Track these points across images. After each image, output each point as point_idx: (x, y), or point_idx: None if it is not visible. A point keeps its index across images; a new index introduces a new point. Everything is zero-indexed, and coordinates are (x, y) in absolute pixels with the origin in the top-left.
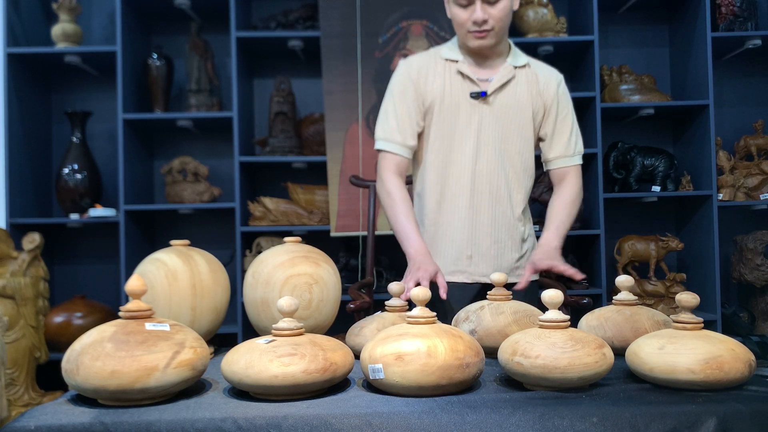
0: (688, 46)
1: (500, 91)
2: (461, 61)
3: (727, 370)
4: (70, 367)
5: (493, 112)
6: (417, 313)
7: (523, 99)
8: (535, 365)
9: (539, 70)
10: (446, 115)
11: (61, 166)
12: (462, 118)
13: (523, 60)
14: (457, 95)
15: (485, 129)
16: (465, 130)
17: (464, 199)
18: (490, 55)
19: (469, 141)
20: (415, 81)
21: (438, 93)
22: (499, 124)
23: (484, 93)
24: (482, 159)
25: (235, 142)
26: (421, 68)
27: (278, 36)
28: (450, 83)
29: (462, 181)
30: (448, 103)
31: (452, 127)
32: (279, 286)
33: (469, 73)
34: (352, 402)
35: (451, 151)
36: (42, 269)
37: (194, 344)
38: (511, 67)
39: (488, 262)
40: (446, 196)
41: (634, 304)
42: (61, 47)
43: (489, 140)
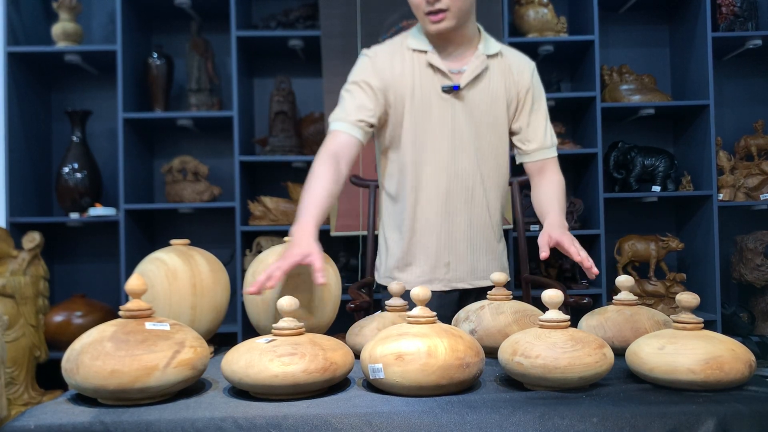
0: (688, 46)
1: (474, 84)
2: (430, 51)
3: (728, 370)
4: (70, 367)
5: (466, 106)
6: (417, 313)
7: (497, 91)
8: (536, 365)
9: (512, 58)
10: (418, 112)
11: (61, 165)
12: (435, 115)
13: (495, 48)
14: (428, 90)
15: (459, 126)
16: (438, 127)
17: (440, 202)
18: (457, 41)
19: (443, 140)
20: (381, 72)
21: (408, 88)
22: (473, 120)
23: (456, 87)
24: (457, 159)
25: (235, 141)
26: (387, 60)
27: (278, 35)
28: (420, 77)
29: (437, 183)
30: (419, 99)
31: (425, 124)
32: (279, 285)
33: (439, 64)
34: (353, 402)
35: (425, 151)
36: (42, 268)
37: (194, 344)
38: (484, 56)
39: (465, 267)
40: (421, 199)
41: (635, 304)
42: (62, 46)
43: (464, 138)
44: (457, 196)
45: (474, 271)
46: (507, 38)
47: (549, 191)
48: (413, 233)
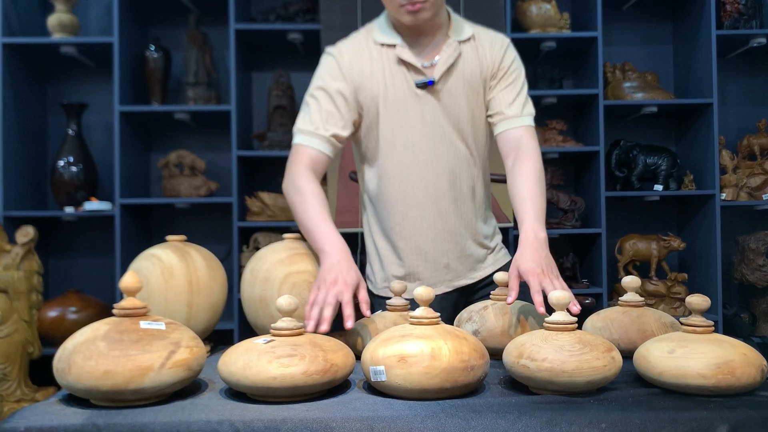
0: (692, 43)
1: (448, 75)
2: (399, 45)
3: (739, 375)
4: (62, 367)
5: (443, 100)
6: (420, 314)
7: (473, 78)
8: (542, 368)
9: (484, 40)
10: (392, 113)
11: (57, 159)
12: (411, 113)
13: (467, 32)
14: (401, 88)
15: (438, 121)
16: (417, 126)
17: (430, 202)
18: (428, 31)
19: (423, 138)
20: (349, 73)
21: (380, 88)
22: (452, 113)
23: (431, 81)
24: (440, 155)
25: (232, 136)
26: (354, 59)
27: (278, 29)
28: (391, 75)
29: (423, 184)
30: (392, 98)
31: (402, 123)
32: (278, 283)
33: (410, 59)
34: (353, 405)
35: (406, 153)
36: (36, 263)
37: (190, 344)
38: (456, 43)
39: (463, 263)
40: (410, 203)
41: (641, 305)
42: (57, 38)
43: (444, 133)
44: (446, 195)
45: (471, 265)
46: (509, 34)
47: (522, 185)
48: (407, 239)
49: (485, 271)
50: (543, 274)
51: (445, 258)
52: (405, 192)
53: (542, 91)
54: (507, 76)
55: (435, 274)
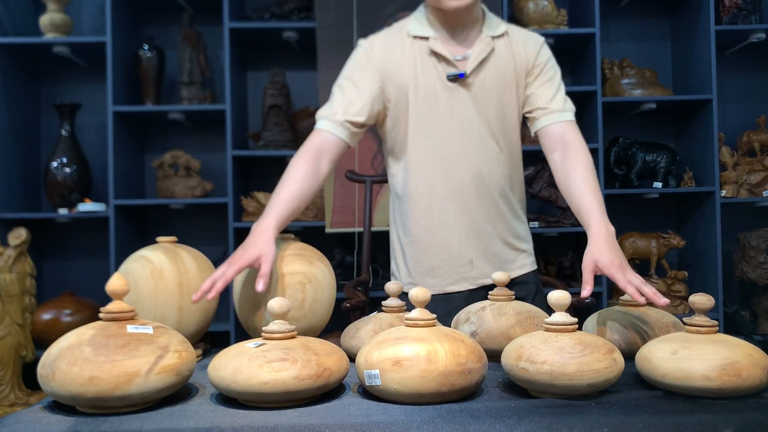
0: (690, 39)
1: (480, 69)
2: (432, 37)
3: (745, 377)
4: (46, 373)
5: (474, 94)
6: (416, 315)
7: (505, 74)
8: (542, 371)
9: (517, 36)
10: (423, 105)
11: (50, 160)
12: (441, 105)
13: (501, 28)
14: (432, 80)
15: (468, 115)
16: (446, 119)
17: (454, 198)
18: (464, 23)
19: (452, 131)
20: (378, 64)
21: (410, 79)
22: (482, 108)
23: (462, 74)
24: (469, 150)
25: (227, 135)
26: (386, 50)
27: (272, 27)
28: (422, 66)
29: (449, 178)
30: (423, 90)
31: (431, 116)
32: (271, 285)
33: (442, 51)
34: (347, 410)
35: (433, 145)
36: (29, 265)
37: (179, 348)
38: (489, 38)
39: (489, 261)
40: (435, 197)
41: (643, 305)
42: (50, 37)
43: (474, 127)
44: (472, 190)
45: (498, 264)
46: None
47: (581, 180)
48: (431, 233)
49: (513, 272)
50: (623, 266)
51: (469, 254)
52: (431, 185)
53: None
54: (544, 73)
55: (459, 270)
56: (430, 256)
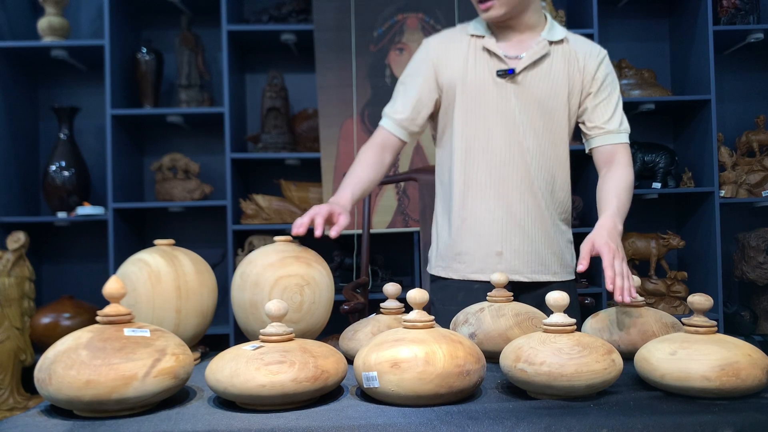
0: (689, 40)
1: (531, 70)
2: (487, 36)
3: (744, 377)
4: (43, 377)
5: (523, 92)
6: (414, 317)
7: (558, 79)
8: (540, 372)
9: (579, 46)
10: (469, 96)
11: (49, 163)
12: (488, 99)
13: (560, 34)
14: (481, 73)
15: (514, 111)
16: (492, 113)
17: (491, 188)
18: (517, 29)
19: (496, 125)
20: (434, 59)
21: (460, 71)
22: (529, 107)
23: (511, 71)
24: (511, 145)
25: (226, 138)
26: (442, 45)
27: (270, 29)
28: (474, 60)
29: (489, 169)
30: (471, 81)
31: (477, 108)
32: (268, 288)
33: (495, 49)
34: (345, 413)
35: (476, 136)
36: (27, 269)
37: (176, 351)
38: (545, 42)
39: (521, 258)
40: (472, 185)
41: (641, 305)
42: (48, 41)
43: (518, 124)
44: (510, 184)
45: (530, 264)
46: None
47: (611, 186)
48: (463, 221)
49: (544, 276)
50: (616, 252)
51: (499, 246)
52: (469, 173)
53: None
54: (603, 89)
55: (486, 259)
56: (459, 242)
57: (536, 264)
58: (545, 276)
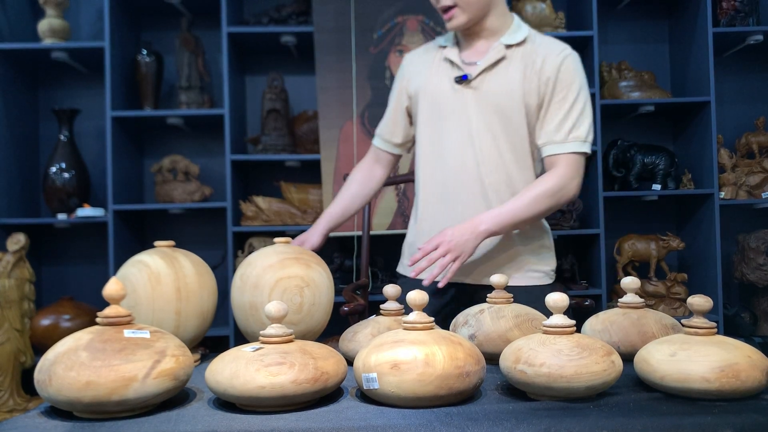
0: (688, 41)
1: (488, 74)
2: (450, 46)
3: (744, 378)
4: (42, 378)
5: (480, 98)
6: (414, 318)
7: (513, 82)
8: (540, 374)
9: (540, 46)
10: (430, 104)
11: (49, 165)
12: (446, 106)
13: (520, 36)
14: (441, 82)
15: (471, 117)
16: (450, 118)
17: (445, 193)
18: (481, 35)
19: (454, 131)
20: (406, 72)
21: (423, 81)
22: (487, 112)
23: (465, 77)
24: (466, 150)
25: (226, 140)
26: (415, 58)
27: (271, 31)
28: (437, 70)
29: (444, 174)
30: (432, 90)
31: (436, 116)
32: (268, 289)
33: (454, 57)
34: (345, 414)
35: (438, 143)
36: (27, 271)
37: (176, 352)
38: (502, 46)
39: (474, 262)
40: (429, 189)
41: (641, 306)
42: (48, 43)
43: (474, 129)
44: (463, 188)
45: (483, 268)
46: None
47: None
48: (420, 223)
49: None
50: (447, 245)
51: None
52: (427, 178)
53: None
54: (557, 93)
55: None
56: (418, 243)
57: (490, 267)
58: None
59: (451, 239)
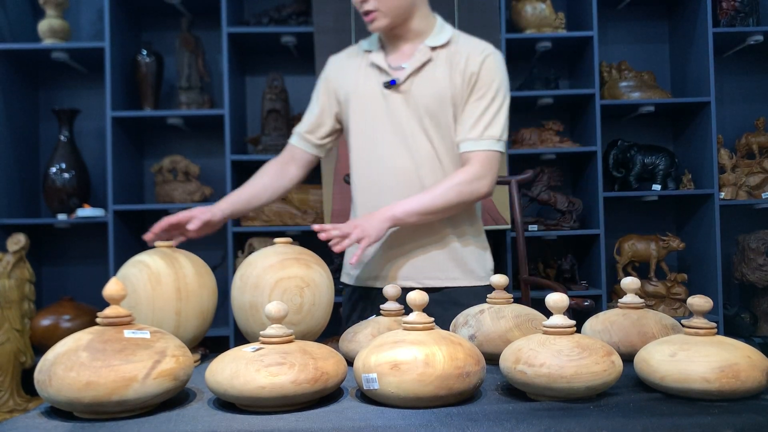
0: (688, 42)
1: (416, 78)
2: (375, 50)
3: (744, 378)
4: (43, 378)
5: (410, 101)
6: (414, 319)
7: (441, 83)
8: (540, 374)
9: (464, 46)
10: (360, 109)
11: (49, 165)
12: (377, 111)
13: (444, 38)
14: (370, 87)
15: (404, 121)
16: (381, 123)
17: (382, 198)
18: (405, 37)
19: (388, 135)
20: (330, 78)
21: (352, 86)
22: (415, 115)
23: (393, 81)
24: (402, 155)
25: (226, 140)
26: (339, 63)
27: (271, 32)
28: (364, 75)
29: (379, 179)
30: (361, 95)
31: (368, 121)
32: (268, 289)
33: (380, 62)
34: (345, 414)
35: (373, 149)
36: (27, 271)
37: (176, 352)
38: (427, 49)
39: (413, 264)
40: (365, 194)
41: (641, 307)
42: (48, 43)
43: (410, 133)
44: (399, 191)
45: (424, 270)
46: (504, 34)
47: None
48: None
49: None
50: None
51: (391, 252)
52: (362, 183)
53: (538, 92)
54: (477, 90)
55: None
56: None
57: (431, 270)
58: (442, 282)
59: (357, 224)
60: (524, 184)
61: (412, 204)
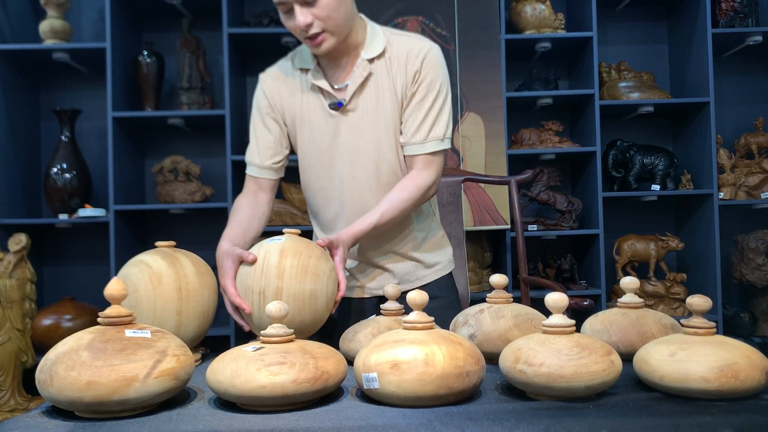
0: (687, 42)
1: (360, 95)
2: (312, 69)
3: (743, 378)
4: (44, 378)
5: (355, 120)
6: (414, 318)
7: (385, 95)
8: (539, 373)
9: (401, 50)
10: (308, 133)
11: (50, 166)
12: (325, 134)
13: (378, 47)
14: (315, 109)
15: (349, 141)
16: (330, 145)
17: (343, 220)
18: (342, 53)
19: (338, 157)
20: (270, 98)
21: (297, 110)
22: (366, 132)
23: (340, 103)
24: (356, 175)
25: (227, 140)
26: (276, 83)
27: (271, 32)
28: (307, 97)
29: (341, 201)
30: (307, 119)
31: (317, 144)
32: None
33: (322, 83)
34: (345, 413)
35: (319, 171)
36: (29, 271)
37: (177, 352)
38: (365, 62)
39: (380, 275)
40: (328, 217)
41: (640, 306)
42: (50, 44)
43: (359, 153)
44: (355, 212)
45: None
46: (504, 35)
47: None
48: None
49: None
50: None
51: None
52: (324, 206)
53: (537, 92)
54: (419, 92)
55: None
56: None
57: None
58: (413, 284)
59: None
60: (524, 184)
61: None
